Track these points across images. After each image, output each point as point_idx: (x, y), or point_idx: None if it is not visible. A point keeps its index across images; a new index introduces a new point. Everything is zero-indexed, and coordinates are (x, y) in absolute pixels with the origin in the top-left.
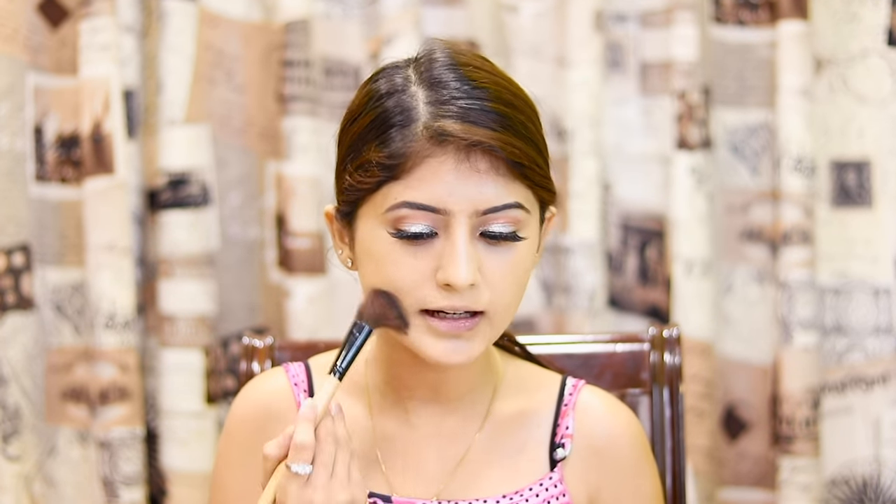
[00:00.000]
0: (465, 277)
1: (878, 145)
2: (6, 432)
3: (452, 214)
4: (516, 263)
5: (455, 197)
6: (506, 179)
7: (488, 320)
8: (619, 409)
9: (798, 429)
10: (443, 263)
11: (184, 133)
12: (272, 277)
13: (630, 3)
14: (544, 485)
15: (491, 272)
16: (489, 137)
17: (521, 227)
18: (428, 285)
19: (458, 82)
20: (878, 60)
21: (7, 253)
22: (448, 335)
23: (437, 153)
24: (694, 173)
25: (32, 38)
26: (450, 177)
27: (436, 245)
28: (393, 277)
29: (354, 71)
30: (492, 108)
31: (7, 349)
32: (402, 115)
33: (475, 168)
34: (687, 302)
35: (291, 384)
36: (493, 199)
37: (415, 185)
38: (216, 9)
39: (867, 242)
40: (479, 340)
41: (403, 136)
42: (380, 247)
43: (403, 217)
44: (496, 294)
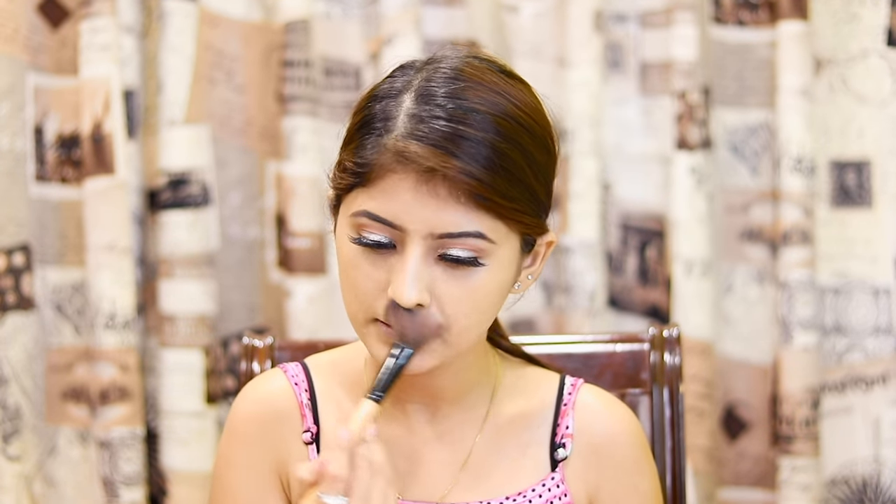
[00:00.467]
0: (410, 296)
1: (877, 145)
2: (6, 432)
3: (408, 233)
4: (476, 289)
5: (411, 216)
6: (467, 208)
7: (441, 339)
8: (618, 408)
9: (798, 429)
10: (392, 278)
11: (184, 133)
12: (272, 277)
13: (630, 3)
14: (546, 485)
15: (446, 295)
16: (448, 166)
17: (482, 255)
18: (380, 297)
19: (446, 99)
20: (878, 60)
21: (7, 253)
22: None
23: (399, 170)
24: (694, 173)
25: (33, 39)
26: (408, 196)
27: (393, 257)
28: (352, 282)
29: (354, 71)
30: (467, 135)
31: (7, 349)
32: (381, 122)
33: (434, 193)
34: (687, 302)
35: (292, 384)
36: (449, 226)
37: (376, 197)
38: (216, 9)
39: (867, 242)
40: (430, 356)
41: (375, 145)
42: (345, 249)
43: (364, 225)
44: (450, 318)
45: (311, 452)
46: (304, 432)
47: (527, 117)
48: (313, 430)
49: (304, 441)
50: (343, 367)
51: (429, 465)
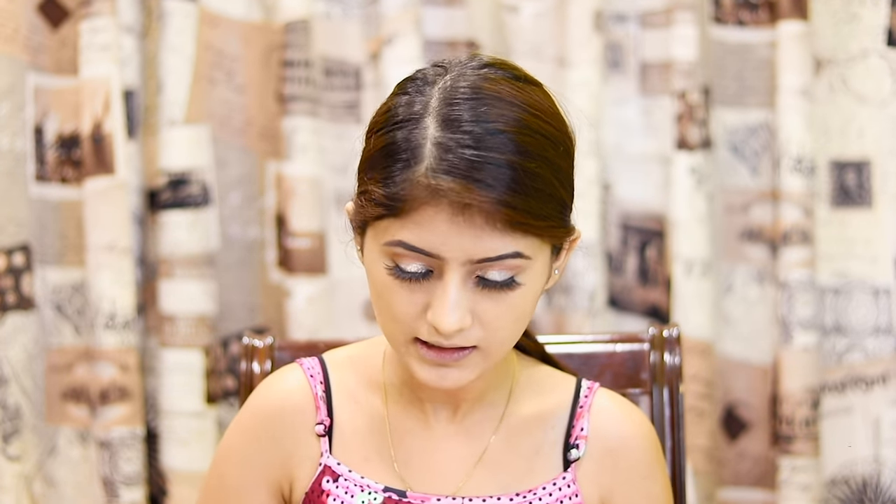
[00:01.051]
0: (451, 325)
1: (877, 145)
2: (6, 432)
3: (446, 261)
4: (513, 305)
5: (448, 246)
6: (503, 233)
7: (480, 352)
8: (634, 413)
9: (798, 429)
10: (433, 305)
11: (184, 133)
12: (272, 277)
13: (630, 3)
14: (557, 484)
15: (485, 313)
16: (486, 200)
17: (519, 273)
18: (420, 320)
19: (472, 124)
20: (878, 61)
21: (7, 253)
22: (435, 363)
23: (433, 202)
24: (694, 173)
25: (33, 39)
26: (445, 227)
27: (430, 284)
28: (389, 306)
29: (354, 71)
30: (498, 162)
31: (7, 349)
32: (407, 152)
33: (471, 223)
34: (687, 302)
35: (307, 376)
36: (488, 251)
37: (411, 228)
38: (216, 9)
39: (867, 242)
40: (470, 370)
41: (404, 177)
42: (379, 275)
43: (399, 255)
44: (489, 333)
45: (324, 444)
46: (318, 424)
47: (548, 126)
48: (326, 423)
49: (318, 433)
50: (360, 362)
51: (445, 460)
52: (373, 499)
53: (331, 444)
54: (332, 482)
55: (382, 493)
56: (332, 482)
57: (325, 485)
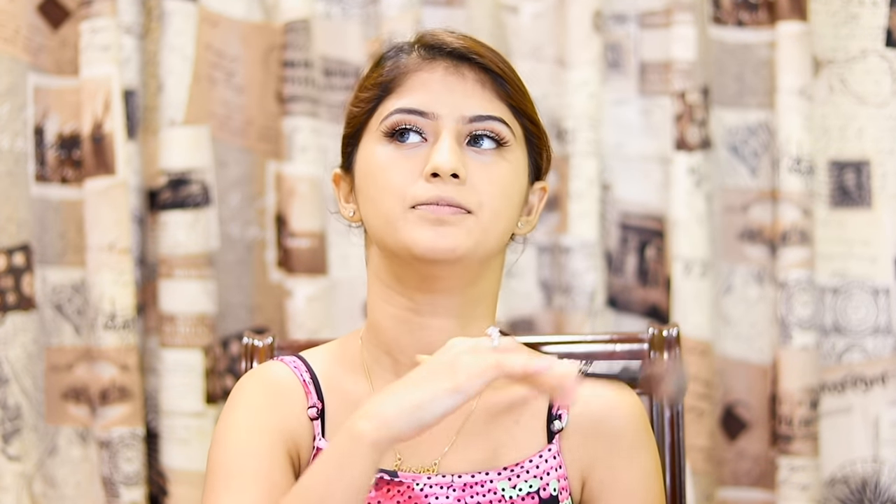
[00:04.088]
0: (449, 163)
1: (876, 145)
2: (6, 432)
3: (440, 118)
4: (503, 174)
5: (442, 101)
6: (492, 96)
7: (475, 217)
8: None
9: (797, 428)
10: (431, 157)
11: (184, 133)
12: (272, 277)
13: (629, 3)
14: (543, 456)
15: (477, 175)
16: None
17: (505, 141)
18: (416, 182)
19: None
20: (877, 61)
21: (8, 253)
22: (435, 221)
23: (427, 66)
24: (693, 173)
25: (33, 39)
26: (439, 85)
27: (426, 149)
28: (386, 181)
29: (354, 71)
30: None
31: (7, 349)
32: (397, 48)
33: (462, 78)
34: (686, 302)
35: (291, 367)
36: (478, 108)
37: (406, 94)
38: (216, 9)
39: (866, 242)
40: (465, 233)
41: (397, 58)
42: (376, 159)
43: (396, 121)
44: (483, 195)
45: (317, 428)
46: (310, 408)
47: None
48: (318, 406)
49: (310, 416)
50: (339, 355)
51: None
52: None
53: (323, 428)
54: None
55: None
56: None
57: None
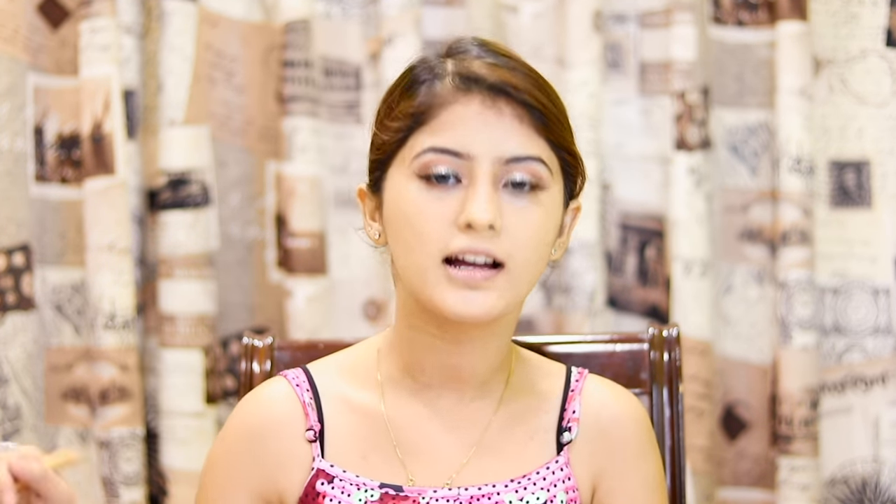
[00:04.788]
0: (486, 215)
1: (877, 145)
2: (6, 432)
3: (476, 159)
4: (537, 221)
5: (479, 141)
6: (529, 132)
7: (507, 274)
8: (624, 394)
9: (797, 428)
10: (465, 206)
11: (184, 133)
12: (272, 277)
13: (629, 3)
14: (550, 468)
15: (512, 222)
16: (515, 84)
17: (542, 182)
18: (451, 230)
19: (486, 55)
20: (877, 61)
21: (7, 253)
22: (465, 285)
23: (462, 99)
24: (693, 173)
25: (33, 39)
26: (474, 122)
27: (460, 192)
28: (418, 227)
29: (354, 71)
30: (520, 67)
31: (7, 349)
32: (430, 72)
33: (499, 114)
34: (686, 302)
35: (293, 385)
36: (516, 149)
37: (439, 131)
38: (216, 9)
39: (866, 242)
40: (497, 295)
41: (431, 86)
42: (407, 198)
43: (429, 162)
44: (516, 245)
45: (315, 449)
46: (307, 430)
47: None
48: (316, 429)
49: (308, 439)
50: (350, 367)
51: (446, 448)
52: (370, 496)
53: (323, 448)
54: (327, 484)
55: (379, 490)
56: (327, 484)
57: (319, 487)
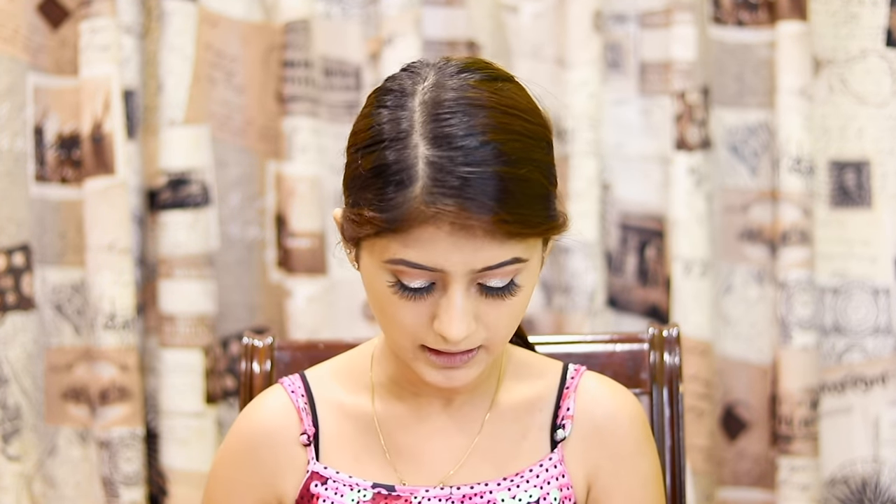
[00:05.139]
0: (459, 334)
1: (877, 145)
2: (6, 432)
3: (449, 274)
4: (513, 304)
5: (451, 261)
6: (502, 242)
7: (485, 350)
8: (620, 390)
9: (797, 428)
10: (439, 315)
11: (184, 133)
12: (272, 277)
13: (629, 3)
14: (544, 465)
15: (487, 316)
16: (484, 221)
17: (518, 275)
18: (425, 330)
19: (462, 139)
20: (878, 61)
21: (7, 253)
22: (445, 367)
23: (432, 221)
24: (693, 173)
25: (33, 39)
26: (445, 243)
27: (434, 295)
28: (393, 317)
29: (354, 71)
30: (493, 175)
31: (7, 349)
32: (400, 174)
33: (471, 237)
34: (686, 302)
35: (288, 392)
36: (489, 260)
37: (412, 245)
38: (216, 9)
39: (866, 242)
40: (476, 367)
41: (401, 198)
42: (381, 290)
43: (401, 272)
44: (492, 332)
45: (310, 452)
46: (301, 434)
47: (530, 125)
48: (310, 432)
49: (302, 443)
50: (345, 373)
51: (437, 450)
52: (362, 496)
53: (317, 451)
54: (321, 485)
55: (371, 490)
56: (321, 485)
57: (313, 489)
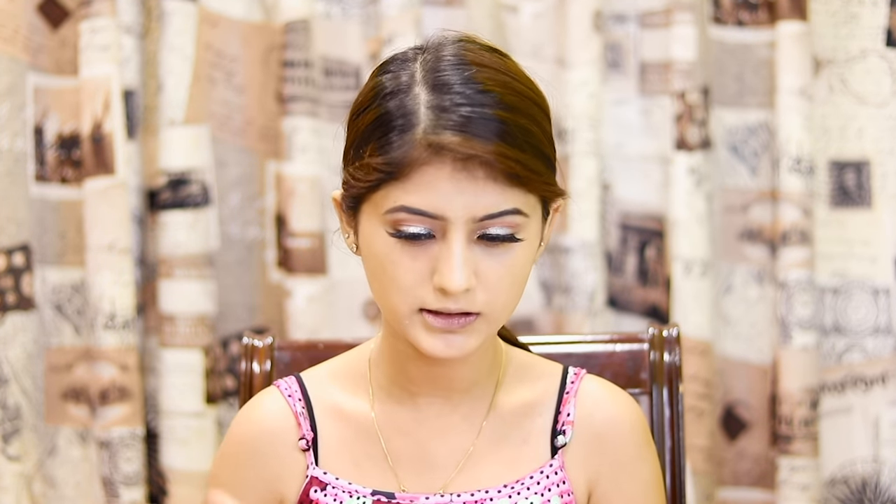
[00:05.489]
0: (459, 284)
1: (876, 145)
2: (6, 432)
3: (449, 221)
4: (513, 265)
5: (452, 205)
6: (503, 187)
7: (484, 318)
8: (620, 395)
9: (797, 428)
10: (439, 267)
11: (184, 133)
12: (272, 277)
13: (629, 3)
14: (545, 472)
15: (487, 274)
16: (487, 151)
17: (518, 230)
18: (425, 287)
19: (462, 85)
20: (877, 61)
21: (7, 253)
22: (443, 331)
23: (434, 161)
24: (693, 173)
25: (33, 39)
26: (447, 185)
27: (433, 247)
28: (392, 276)
29: (354, 71)
30: (493, 116)
31: (7, 349)
32: (402, 118)
33: (472, 177)
34: (686, 302)
35: (285, 396)
36: (490, 207)
37: (412, 190)
38: (216, 9)
39: (866, 242)
40: (475, 336)
41: (402, 141)
42: (380, 246)
43: (402, 220)
44: (492, 295)
45: (309, 457)
46: (300, 440)
47: (528, 90)
48: (309, 437)
49: (301, 448)
50: (342, 374)
51: (437, 455)
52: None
53: (316, 456)
54: (320, 491)
55: (371, 497)
56: (320, 491)
57: (312, 495)
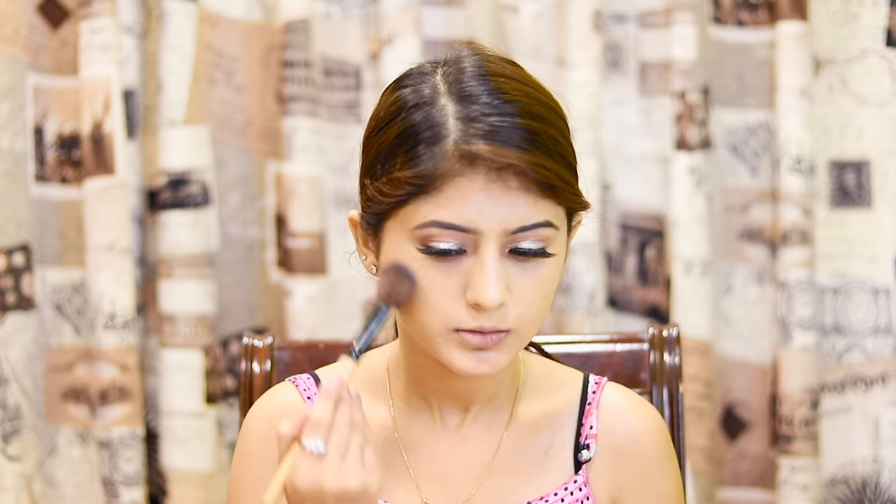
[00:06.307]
0: (495, 298)
1: (877, 146)
2: (6, 432)
3: (482, 234)
4: (544, 279)
5: (485, 217)
6: (536, 198)
7: (515, 334)
8: (644, 407)
9: (797, 429)
10: (472, 283)
11: (184, 133)
12: (272, 277)
13: (629, 3)
14: (569, 489)
15: (519, 289)
16: (520, 160)
17: (549, 244)
18: (457, 304)
19: (488, 96)
20: (878, 61)
21: (7, 253)
22: (476, 348)
23: (467, 173)
24: (693, 173)
25: (33, 39)
26: (480, 196)
27: (465, 263)
28: (424, 294)
29: (354, 71)
30: (522, 126)
31: (7, 349)
32: (430, 130)
33: (506, 187)
34: (686, 302)
35: (304, 398)
36: (523, 219)
37: (444, 204)
38: (216, 9)
39: (866, 242)
40: (506, 352)
41: (433, 153)
42: (408, 263)
43: (432, 235)
44: (523, 310)
45: None
46: None
47: (548, 99)
48: None
49: None
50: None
51: (457, 467)
52: None
53: None
54: None
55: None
56: None
57: None
